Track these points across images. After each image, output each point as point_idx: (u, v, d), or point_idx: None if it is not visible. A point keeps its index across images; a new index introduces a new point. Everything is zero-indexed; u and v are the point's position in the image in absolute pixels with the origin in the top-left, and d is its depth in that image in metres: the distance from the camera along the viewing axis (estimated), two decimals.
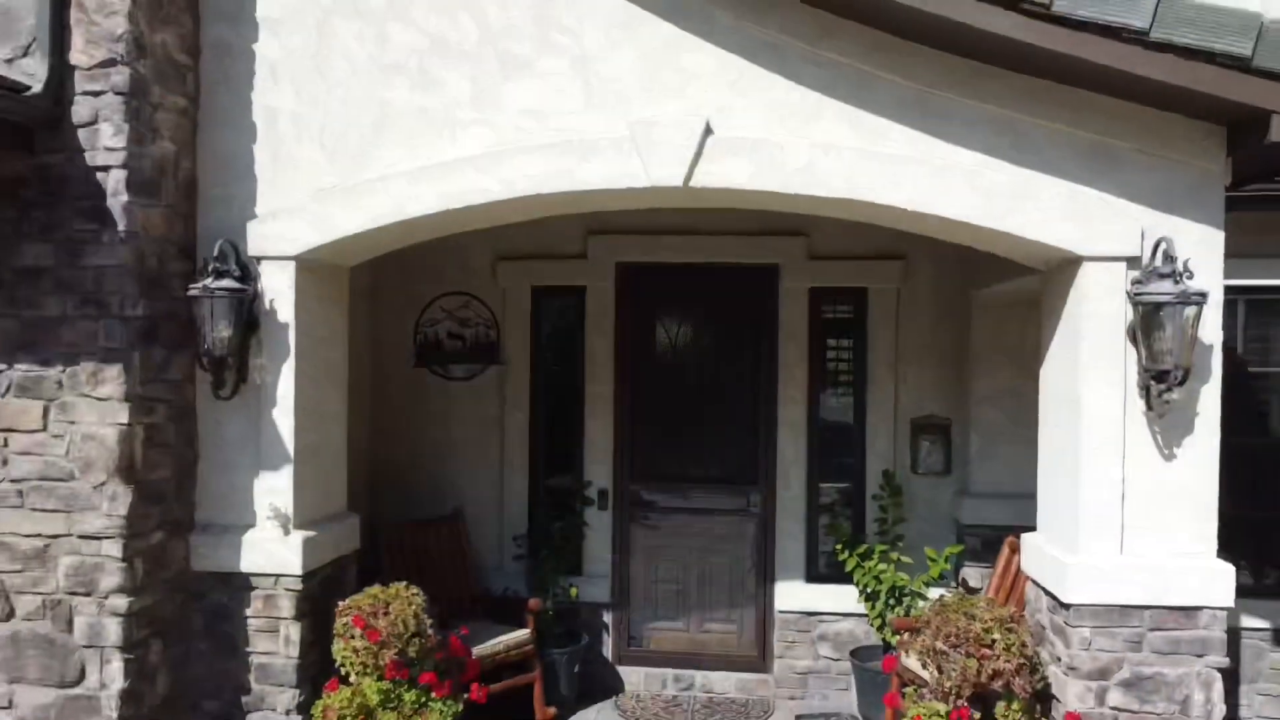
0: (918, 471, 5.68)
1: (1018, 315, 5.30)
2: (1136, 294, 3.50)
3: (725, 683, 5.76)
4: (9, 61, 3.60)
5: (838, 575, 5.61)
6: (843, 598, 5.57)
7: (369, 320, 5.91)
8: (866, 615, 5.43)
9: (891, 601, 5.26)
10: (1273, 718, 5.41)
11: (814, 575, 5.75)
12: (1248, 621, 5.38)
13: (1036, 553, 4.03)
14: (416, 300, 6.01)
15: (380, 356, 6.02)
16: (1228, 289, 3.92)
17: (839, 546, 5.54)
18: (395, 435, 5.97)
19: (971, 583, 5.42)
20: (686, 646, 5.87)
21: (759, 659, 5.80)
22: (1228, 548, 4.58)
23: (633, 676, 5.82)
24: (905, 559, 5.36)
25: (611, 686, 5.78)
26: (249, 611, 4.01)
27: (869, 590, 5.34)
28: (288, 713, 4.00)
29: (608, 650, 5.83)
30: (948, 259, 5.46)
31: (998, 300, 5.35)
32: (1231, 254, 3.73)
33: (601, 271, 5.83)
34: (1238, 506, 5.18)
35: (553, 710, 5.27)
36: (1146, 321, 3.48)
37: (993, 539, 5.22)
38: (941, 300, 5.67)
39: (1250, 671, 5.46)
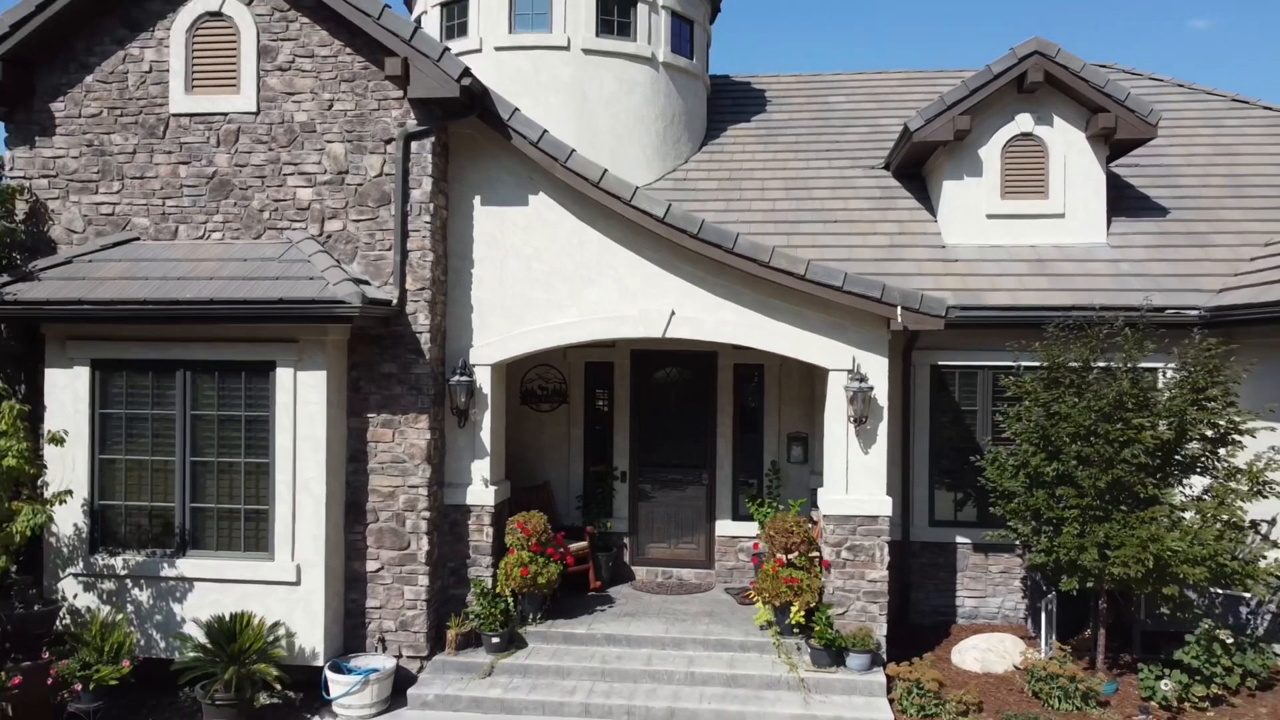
0: (790, 461, 10.71)
1: None
2: (847, 385, 8.50)
3: (689, 574, 10.79)
4: (379, 287, 8.59)
5: (748, 517, 10.63)
6: (751, 528, 10.58)
7: None
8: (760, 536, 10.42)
9: None
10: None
11: (736, 516, 10.78)
12: (960, 539, 10.36)
13: (821, 495, 9.02)
14: (521, 369, 10.99)
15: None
16: (948, 366, 9.43)
17: (748, 501, 10.55)
18: (510, 441, 10.95)
19: (815, 518, 10.40)
20: (669, 556, 10.91)
21: (707, 561, 10.83)
22: (954, 502, 9.66)
23: (640, 572, 10.86)
24: (780, 506, 10.36)
25: (629, 576, 10.83)
26: (469, 522, 9.01)
27: (761, 523, 10.32)
28: (488, 567, 8.99)
29: (627, 557, 10.87)
30: None
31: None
32: (950, 348, 9.08)
33: (623, 354, 10.86)
34: (954, 480, 10.22)
35: (599, 583, 10.29)
36: (852, 397, 8.46)
37: None
38: (804, 372, 10.65)
39: (961, 566, 10.43)
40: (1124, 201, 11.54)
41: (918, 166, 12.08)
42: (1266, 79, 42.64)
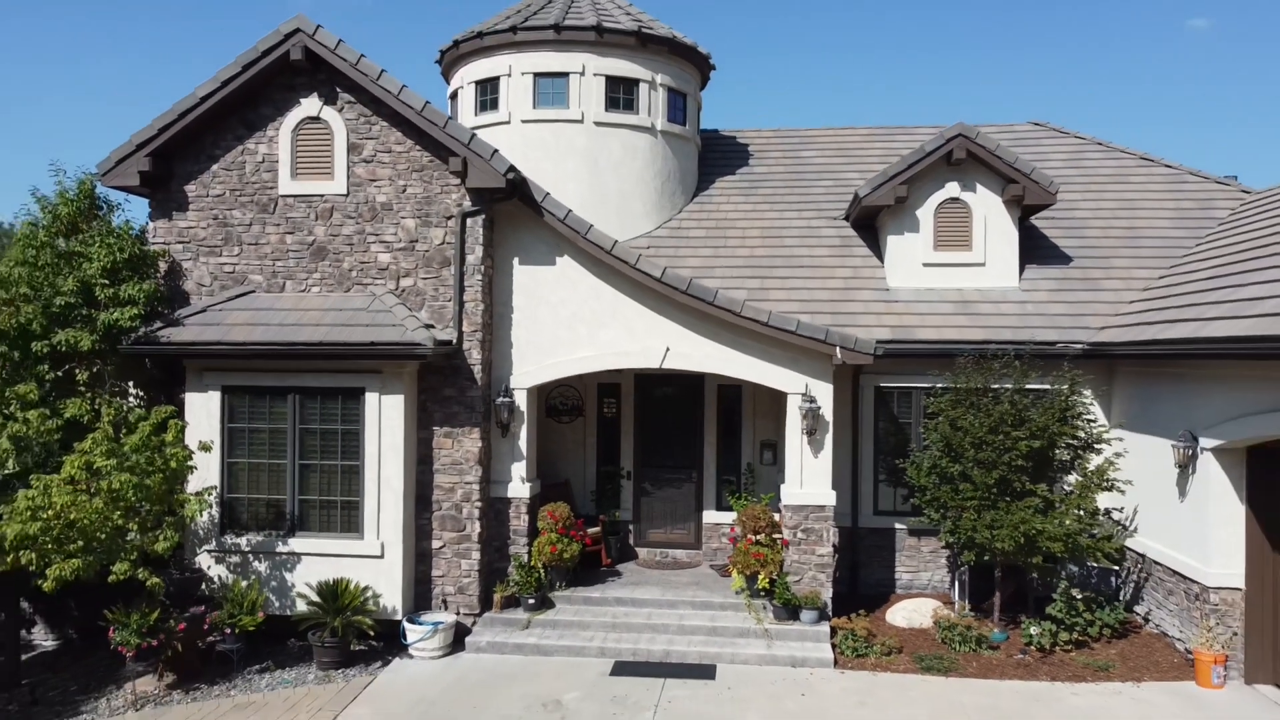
0: (762, 464, 13.31)
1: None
2: (801, 405, 11.09)
3: (681, 554, 13.41)
4: (441, 329, 11.17)
5: (729, 508, 13.23)
6: (731, 517, 13.17)
7: None
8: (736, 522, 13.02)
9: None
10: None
11: (720, 507, 13.38)
12: (898, 525, 12.95)
13: (783, 490, 11.60)
14: (547, 389, 13.57)
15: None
16: (888, 387, 11.96)
17: (729, 495, 13.15)
18: (539, 447, 13.51)
19: (780, 508, 12.99)
20: (665, 539, 13.52)
21: (696, 544, 13.45)
22: (893, 495, 12.24)
23: (642, 552, 13.48)
24: (754, 499, 12.94)
25: (633, 555, 13.44)
26: (510, 510, 11.61)
27: (739, 512, 12.90)
28: (524, 546, 11.58)
29: (631, 540, 13.49)
30: None
31: None
32: (890, 373, 11.61)
33: (628, 377, 13.46)
34: (893, 478, 12.83)
35: (610, 560, 12.90)
36: (805, 414, 11.05)
37: None
38: (772, 392, 13.20)
39: (900, 547, 13.02)
40: (1038, 251, 14.11)
41: (870, 220, 14.65)
42: (1266, 79, 45.14)
